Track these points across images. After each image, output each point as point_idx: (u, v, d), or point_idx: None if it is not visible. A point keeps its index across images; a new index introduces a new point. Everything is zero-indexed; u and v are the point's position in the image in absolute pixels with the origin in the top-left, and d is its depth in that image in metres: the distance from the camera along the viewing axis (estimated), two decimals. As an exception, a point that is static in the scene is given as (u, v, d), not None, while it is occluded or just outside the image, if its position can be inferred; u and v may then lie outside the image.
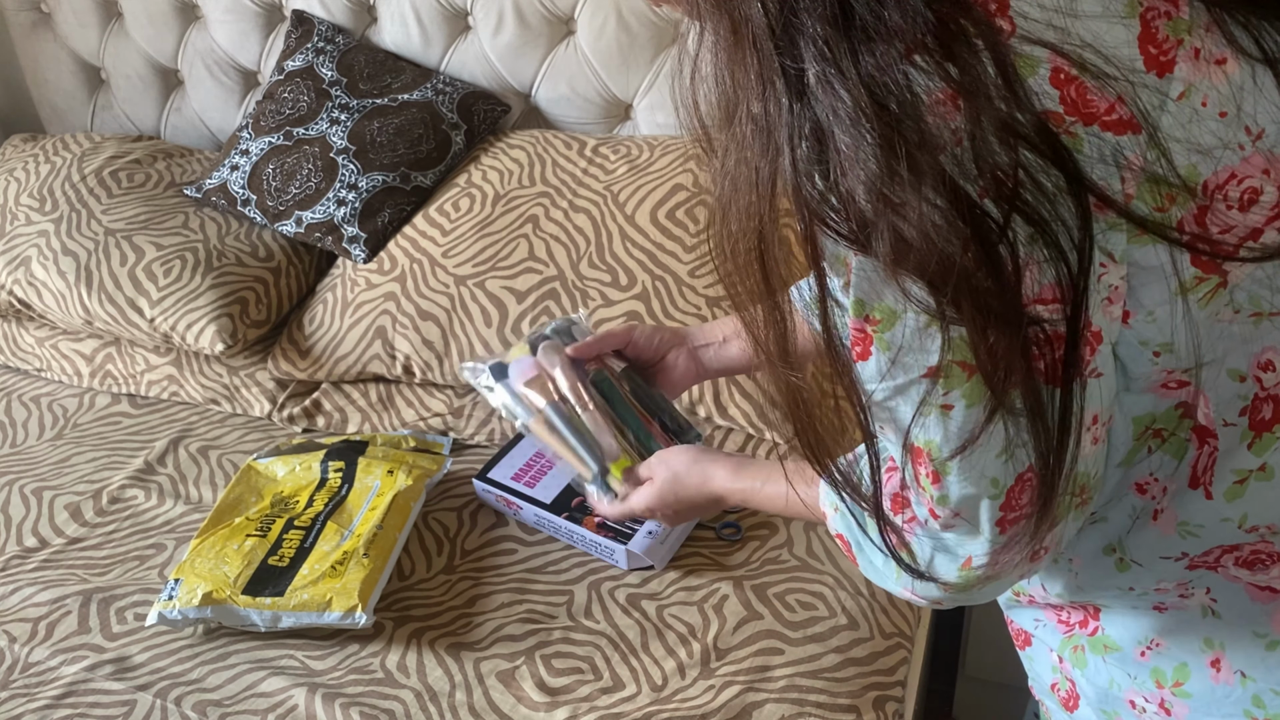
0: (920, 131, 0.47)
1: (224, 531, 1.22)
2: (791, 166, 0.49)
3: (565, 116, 1.69)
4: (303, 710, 1.05)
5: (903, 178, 0.47)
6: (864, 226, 0.48)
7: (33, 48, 1.99)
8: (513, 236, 1.45)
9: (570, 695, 1.06)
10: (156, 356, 1.60)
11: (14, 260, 1.60)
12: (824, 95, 0.48)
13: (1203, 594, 0.66)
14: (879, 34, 0.47)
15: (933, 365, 0.52)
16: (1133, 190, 0.50)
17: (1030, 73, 0.48)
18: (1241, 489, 0.60)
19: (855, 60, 0.47)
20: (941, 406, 0.53)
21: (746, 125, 0.51)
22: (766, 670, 1.07)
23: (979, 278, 0.48)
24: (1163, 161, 0.50)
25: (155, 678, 1.10)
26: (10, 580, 1.24)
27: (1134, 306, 0.55)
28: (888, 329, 0.52)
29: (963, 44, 0.46)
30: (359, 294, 1.49)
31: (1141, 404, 0.59)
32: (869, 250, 0.49)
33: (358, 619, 1.10)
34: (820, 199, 0.49)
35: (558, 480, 1.29)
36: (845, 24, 0.47)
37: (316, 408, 1.51)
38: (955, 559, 0.61)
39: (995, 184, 0.47)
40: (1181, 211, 0.52)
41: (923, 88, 0.47)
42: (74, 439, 1.52)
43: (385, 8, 1.71)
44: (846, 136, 0.47)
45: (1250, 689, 0.66)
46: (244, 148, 1.66)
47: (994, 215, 0.48)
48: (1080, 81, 0.48)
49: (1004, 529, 0.58)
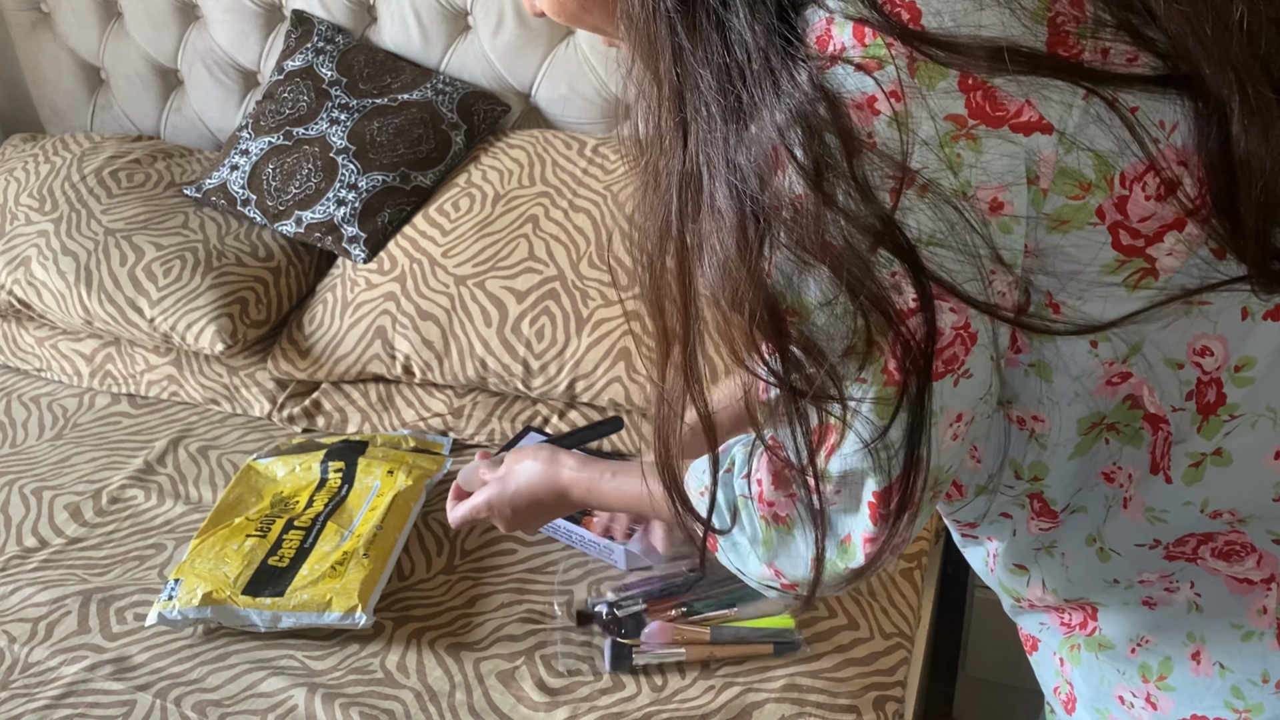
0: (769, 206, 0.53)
1: (224, 532, 1.22)
2: (677, 210, 0.56)
3: (565, 116, 1.69)
4: (303, 710, 1.05)
5: (752, 254, 0.53)
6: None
7: (33, 48, 1.99)
8: (513, 236, 1.45)
9: (570, 695, 1.06)
10: (156, 356, 1.60)
11: (14, 260, 1.60)
12: (700, 163, 0.54)
13: (1188, 589, 0.67)
14: (751, 115, 0.52)
15: (851, 345, 0.56)
16: (1047, 185, 0.53)
17: (940, 78, 0.51)
18: (1198, 472, 0.61)
19: (728, 144, 0.53)
20: (859, 380, 0.57)
21: (653, 157, 0.57)
22: (766, 670, 1.07)
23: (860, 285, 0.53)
24: (1074, 155, 0.53)
25: (155, 678, 1.10)
26: (10, 580, 1.24)
27: (1063, 297, 0.56)
28: (806, 319, 0.55)
29: (821, 145, 0.51)
30: (359, 294, 1.49)
31: (1089, 405, 0.61)
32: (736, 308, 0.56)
33: (358, 619, 1.10)
34: (693, 242, 0.56)
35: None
36: (725, 105, 0.53)
37: (316, 408, 1.51)
38: (835, 536, 0.64)
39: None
40: (1098, 200, 0.54)
41: (784, 185, 0.52)
42: (74, 439, 1.52)
43: (385, 8, 1.71)
44: (709, 210, 0.54)
45: (1229, 680, 0.67)
46: (244, 148, 1.66)
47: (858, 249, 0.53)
48: (989, 86, 0.51)
49: (875, 519, 0.61)
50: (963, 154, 0.51)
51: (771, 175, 0.52)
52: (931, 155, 0.51)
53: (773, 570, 0.70)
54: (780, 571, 0.70)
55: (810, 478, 0.62)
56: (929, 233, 0.52)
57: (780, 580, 0.70)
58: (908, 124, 0.51)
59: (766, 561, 0.70)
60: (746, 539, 0.70)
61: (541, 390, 1.39)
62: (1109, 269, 0.55)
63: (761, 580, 0.72)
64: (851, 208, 0.51)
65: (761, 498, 0.68)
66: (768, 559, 0.70)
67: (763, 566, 0.70)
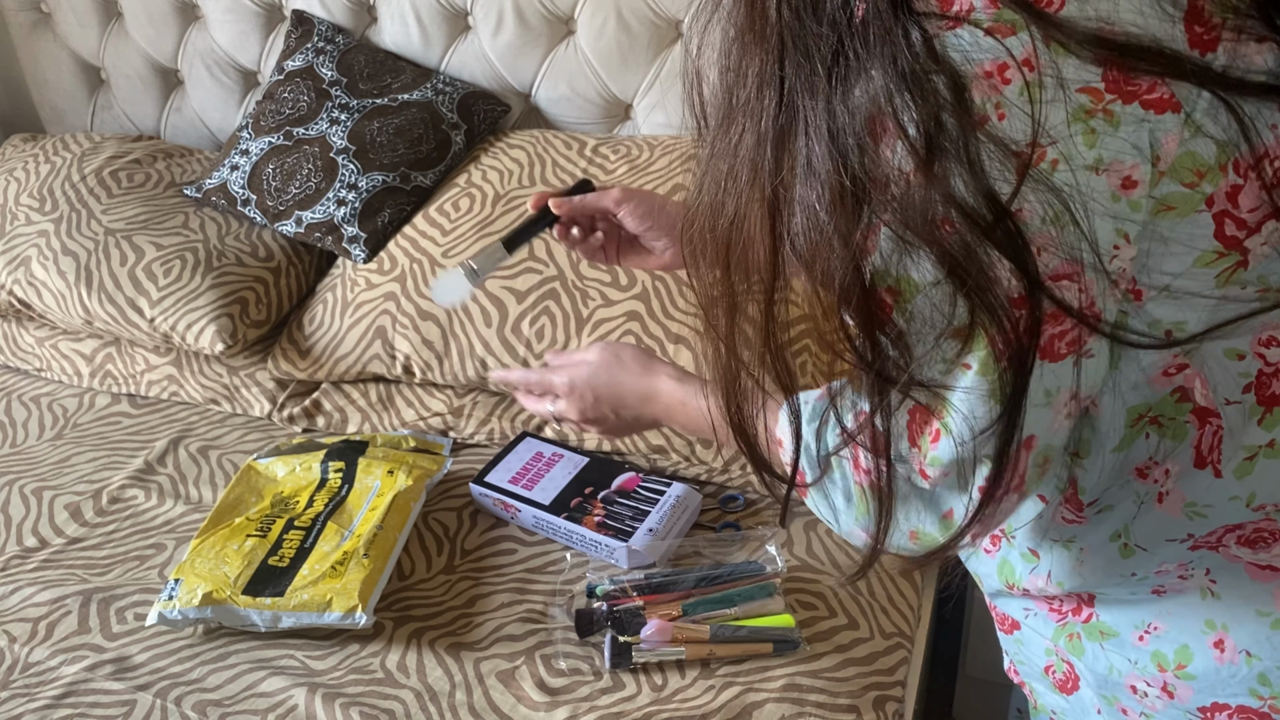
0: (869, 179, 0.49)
1: (224, 532, 1.22)
2: (771, 167, 0.52)
3: (565, 116, 1.69)
4: (303, 710, 1.05)
5: (846, 215, 0.50)
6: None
7: (33, 48, 1.99)
8: (513, 236, 1.45)
9: (570, 695, 1.06)
10: (156, 356, 1.60)
11: (14, 260, 1.60)
12: (799, 120, 0.50)
13: (1201, 575, 0.66)
14: (859, 81, 0.48)
15: (956, 327, 0.52)
16: (1165, 167, 0.51)
17: (1078, 51, 0.48)
18: (1251, 465, 0.60)
19: (830, 102, 0.49)
20: (963, 365, 0.53)
21: (739, 115, 0.53)
22: (766, 670, 1.07)
23: (983, 260, 0.50)
24: (1198, 141, 0.51)
25: (155, 678, 1.10)
26: (10, 580, 1.24)
27: (1147, 284, 0.55)
28: (910, 300, 0.53)
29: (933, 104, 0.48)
30: (359, 294, 1.49)
31: (1143, 395, 0.60)
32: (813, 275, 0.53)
33: (358, 619, 1.10)
34: (783, 197, 0.52)
35: (556, 481, 1.29)
36: (831, 60, 0.48)
37: (316, 408, 1.51)
38: (936, 510, 0.61)
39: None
40: (1211, 188, 0.52)
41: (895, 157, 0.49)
42: (74, 439, 1.52)
43: (385, 8, 1.71)
44: (805, 173, 0.50)
45: (1256, 668, 0.66)
46: (244, 148, 1.66)
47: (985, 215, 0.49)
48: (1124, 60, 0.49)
49: (987, 497, 0.58)
50: (1098, 129, 0.49)
51: (876, 144, 0.49)
52: (1065, 129, 0.48)
53: (865, 534, 0.66)
54: (872, 535, 0.65)
55: (902, 462, 0.59)
56: (1056, 210, 0.49)
57: (869, 541, 0.66)
58: (1040, 96, 0.48)
59: (863, 527, 0.66)
60: (841, 496, 0.66)
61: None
62: (1204, 260, 0.54)
63: (849, 535, 0.68)
64: (962, 190, 0.48)
65: (858, 463, 0.64)
66: (863, 525, 0.66)
67: (855, 527, 0.67)
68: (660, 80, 1.60)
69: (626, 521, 1.22)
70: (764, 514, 1.29)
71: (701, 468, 1.33)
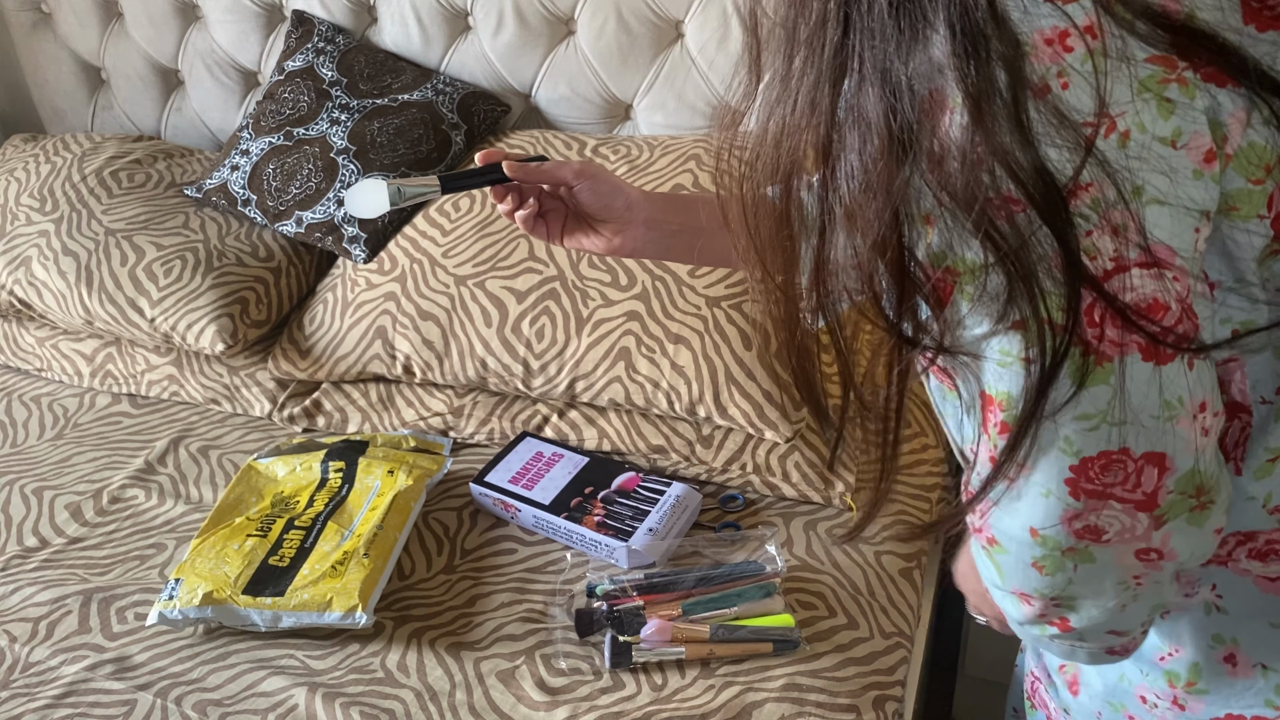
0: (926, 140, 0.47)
1: (224, 531, 1.22)
2: (828, 106, 0.50)
3: (565, 117, 1.69)
4: (303, 710, 1.05)
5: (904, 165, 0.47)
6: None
7: (33, 48, 1.99)
8: (513, 236, 1.45)
9: (570, 695, 1.06)
10: (157, 356, 1.60)
11: (14, 260, 1.60)
12: (855, 60, 0.48)
13: (1207, 590, 0.66)
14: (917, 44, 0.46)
15: (1018, 319, 0.50)
16: (1232, 150, 0.49)
17: (1138, 26, 0.47)
18: (1271, 468, 0.59)
19: (891, 49, 0.47)
20: (1023, 360, 0.50)
21: (802, 48, 0.51)
22: (766, 670, 1.07)
23: (1038, 246, 0.47)
24: (1261, 131, 0.48)
25: (155, 677, 1.10)
26: (10, 580, 1.24)
27: (1218, 276, 0.52)
28: (970, 282, 0.50)
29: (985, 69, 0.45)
30: (359, 294, 1.49)
31: None
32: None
33: (358, 619, 1.10)
34: (836, 147, 0.50)
35: (556, 481, 1.29)
36: (898, 23, 0.47)
37: (317, 408, 1.51)
38: (1015, 514, 0.56)
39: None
40: (1270, 187, 0.50)
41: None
42: (74, 439, 1.52)
43: (385, 8, 1.71)
44: (853, 123, 0.48)
45: (1273, 680, 0.66)
46: (244, 148, 1.66)
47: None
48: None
49: (1077, 494, 0.53)
50: (1174, 98, 0.46)
51: (931, 113, 0.47)
52: (1133, 100, 0.45)
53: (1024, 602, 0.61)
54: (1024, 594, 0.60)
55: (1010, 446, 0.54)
56: (1137, 185, 0.46)
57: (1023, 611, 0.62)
58: (1105, 64, 0.45)
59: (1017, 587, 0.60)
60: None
61: (541, 390, 1.39)
62: (1260, 255, 0.52)
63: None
64: (1020, 166, 0.45)
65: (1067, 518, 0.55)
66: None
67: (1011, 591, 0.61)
68: (660, 80, 1.60)
69: (626, 521, 1.22)
70: (764, 514, 1.29)
71: (701, 468, 1.33)
